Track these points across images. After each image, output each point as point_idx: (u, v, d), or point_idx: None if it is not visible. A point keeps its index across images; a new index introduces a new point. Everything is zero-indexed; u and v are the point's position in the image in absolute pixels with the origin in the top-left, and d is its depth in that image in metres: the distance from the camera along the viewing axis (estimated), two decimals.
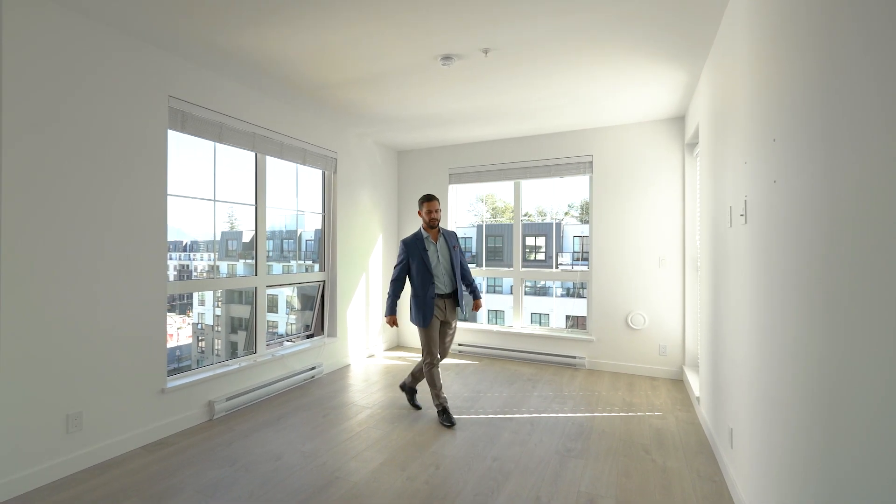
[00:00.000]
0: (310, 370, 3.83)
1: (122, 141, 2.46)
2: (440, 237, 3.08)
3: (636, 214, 4.10)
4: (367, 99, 3.50)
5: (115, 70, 2.42)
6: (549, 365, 4.41)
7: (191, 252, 3.49)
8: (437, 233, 3.08)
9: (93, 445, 2.33)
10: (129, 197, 2.50)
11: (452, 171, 5.00)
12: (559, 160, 4.44)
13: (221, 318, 3.79)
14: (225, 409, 3.03)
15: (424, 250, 3.00)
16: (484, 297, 9.01)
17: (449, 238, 3.12)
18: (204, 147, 3.12)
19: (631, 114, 3.86)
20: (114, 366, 2.43)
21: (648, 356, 4.06)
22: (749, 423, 1.77)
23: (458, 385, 3.78)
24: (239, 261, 3.77)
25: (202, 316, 3.88)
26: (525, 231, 6.11)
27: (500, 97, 3.45)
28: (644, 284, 4.07)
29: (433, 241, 3.05)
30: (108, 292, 2.40)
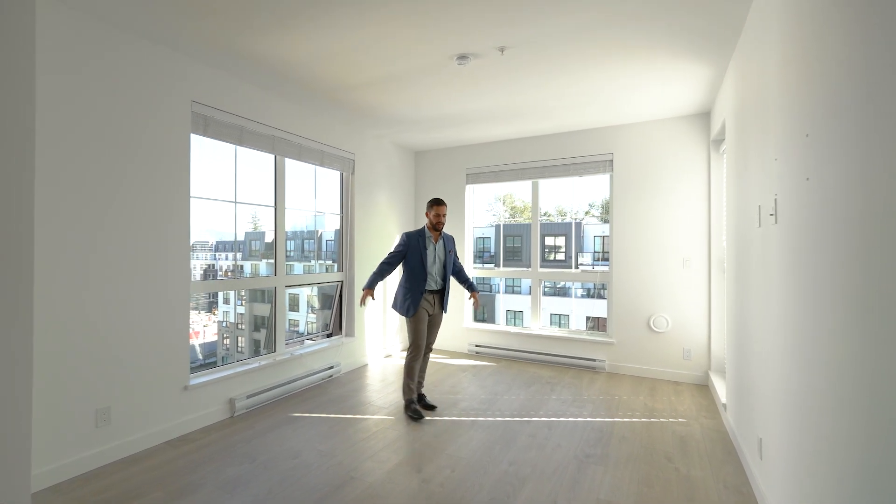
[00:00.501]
0: (328, 369, 3.87)
1: (147, 145, 2.54)
2: (440, 239, 3.24)
3: (659, 214, 3.99)
4: (383, 100, 3.51)
5: (141, 77, 2.50)
6: (568, 368, 4.34)
7: (216, 252, 3.57)
8: (438, 235, 3.23)
9: (120, 439, 2.40)
10: (154, 199, 2.58)
11: (469, 172, 4.98)
12: (578, 159, 4.36)
13: (245, 316, 3.88)
14: (245, 406, 3.09)
15: (424, 248, 3.15)
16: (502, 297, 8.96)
17: (447, 242, 3.28)
18: (225, 150, 3.19)
19: (653, 111, 3.75)
20: (139, 363, 2.50)
21: (672, 360, 3.94)
22: (780, 433, 1.68)
23: (475, 387, 3.75)
24: (262, 260, 3.85)
25: (226, 314, 3.99)
26: (544, 231, 6.01)
27: (517, 96, 3.41)
28: (667, 286, 3.95)
29: (434, 241, 3.21)
30: (134, 292, 2.48)
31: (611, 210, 4.27)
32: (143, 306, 2.52)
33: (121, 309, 2.41)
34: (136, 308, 2.49)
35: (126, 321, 2.44)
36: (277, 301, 3.57)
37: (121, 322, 2.41)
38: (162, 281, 2.62)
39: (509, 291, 10.32)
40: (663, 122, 3.98)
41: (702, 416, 3.08)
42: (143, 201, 2.52)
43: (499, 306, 9.15)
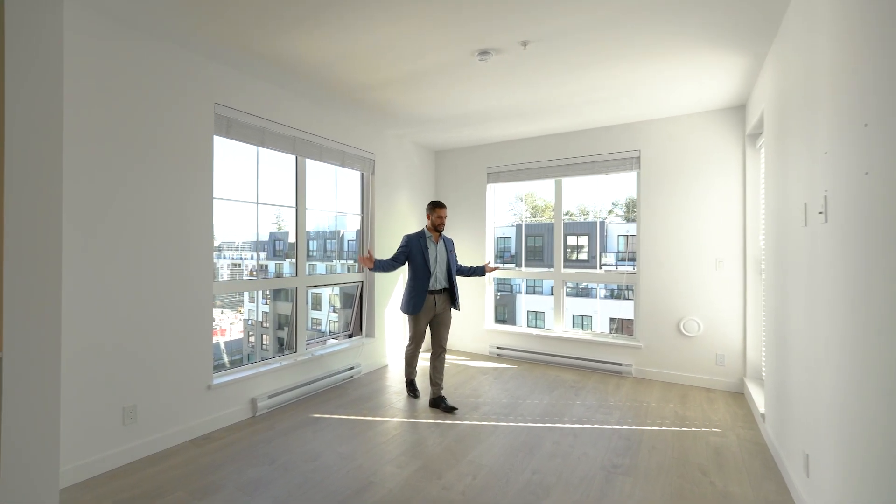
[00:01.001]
0: (348, 370, 3.86)
1: (171, 147, 2.57)
2: (440, 240, 3.40)
3: (689, 212, 3.81)
4: (403, 99, 3.48)
5: (165, 80, 2.53)
6: (592, 372, 4.20)
7: (241, 252, 3.61)
8: (439, 236, 3.39)
9: (146, 437, 2.44)
10: (178, 201, 2.61)
11: (491, 171, 4.90)
12: (603, 156, 4.22)
13: (269, 314, 3.91)
14: (267, 406, 3.10)
15: (426, 248, 3.30)
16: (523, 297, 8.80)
17: (447, 243, 3.46)
18: (248, 151, 3.21)
19: (683, 104, 3.59)
20: (164, 362, 2.54)
21: (704, 366, 3.76)
22: (831, 450, 1.55)
23: (497, 390, 3.67)
24: (285, 260, 3.89)
25: (252, 312, 4.06)
26: (566, 230, 5.88)
27: (540, 92, 3.31)
28: (699, 288, 3.77)
29: (434, 242, 3.37)
30: (159, 292, 2.51)
31: (637, 209, 4.11)
32: (168, 306, 2.56)
33: (146, 309, 2.45)
34: (161, 308, 2.52)
35: (151, 321, 2.48)
36: (298, 301, 3.58)
37: (146, 321, 2.45)
38: (186, 281, 2.65)
39: (530, 292, 10.15)
40: (694, 117, 3.80)
41: (738, 427, 2.91)
42: (168, 202, 2.56)
43: (520, 307, 9.02)
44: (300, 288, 3.58)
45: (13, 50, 1.59)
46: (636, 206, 4.16)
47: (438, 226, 3.35)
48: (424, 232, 3.37)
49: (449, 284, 3.36)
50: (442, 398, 3.25)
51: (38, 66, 1.65)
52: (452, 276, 3.38)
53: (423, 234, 3.35)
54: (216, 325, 4.88)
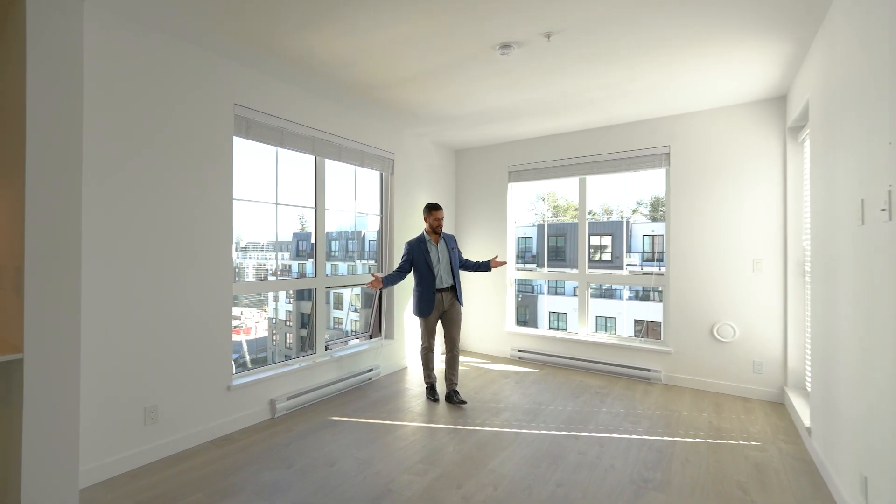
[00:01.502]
0: (367, 372, 3.83)
1: (191, 149, 2.58)
2: (441, 240, 3.48)
3: (724, 211, 3.60)
4: (422, 97, 3.41)
5: (185, 81, 2.54)
6: (619, 377, 4.04)
7: (266, 252, 3.63)
8: (438, 237, 3.47)
9: (167, 438, 2.45)
10: (198, 202, 2.61)
11: (512, 169, 4.78)
12: (630, 153, 4.04)
13: (292, 313, 3.94)
14: (286, 408, 3.09)
15: (427, 251, 3.40)
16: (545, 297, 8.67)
17: (448, 240, 3.52)
18: (267, 152, 3.21)
19: (717, 97, 3.39)
20: (185, 363, 2.55)
21: (739, 373, 3.55)
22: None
23: (518, 395, 3.56)
24: (308, 260, 3.91)
25: (276, 311, 4.09)
26: (589, 230, 5.72)
27: (564, 86, 3.18)
28: (734, 291, 3.56)
29: (434, 243, 3.45)
30: (180, 292, 2.52)
31: (667, 207, 3.92)
32: (188, 307, 2.56)
33: (167, 309, 2.46)
34: (182, 308, 2.53)
35: (172, 321, 2.49)
36: (318, 302, 3.56)
37: (167, 322, 2.46)
38: (206, 282, 2.65)
39: (552, 292, 9.92)
40: (728, 110, 3.59)
41: (779, 440, 2.72)
42: (188, 203, 2.57)
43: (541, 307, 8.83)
44: (319, 289, 3.57)
45: (35, 52, 1.59)
46: (665, 204, 3.97)
47: (436, 228, 3.47)
48: (424, 236, 3.47)
49: (453, 281, 3.46)
50: (455, 392, 3.40)
51: (58, 69, 1.65)
52: (455, 273, 3.48)
53: (423, 239, 3.46)
54: (241, 324, 4.98)
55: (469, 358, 4.75)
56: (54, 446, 1.64)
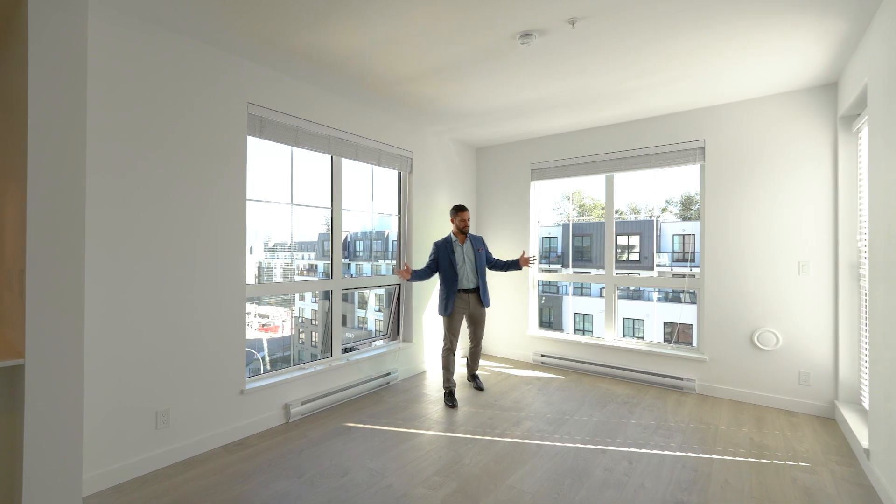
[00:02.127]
0: (384, 376, 3.73)
1: (204, 149, 2.54)
2: (467, 241, 3.56)
3: (765, 209, 3.33)
4: (440, 92, 3.29)
5: (197, 80, 2.50)
6: (649, 386, 3.80)
7: (293, 252, 3.61)
8: (464, 237, 3.56)
9: (179, 442, 2.42)
10: (211, 202, 2.57)
11: (535, 167, 4.60)
12: (661, 148, 3.80)
13: (318, 312, 3.95)
14: (300, 412, 3.02)
15: (452, 252, 3.49)
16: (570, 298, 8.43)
17: (475, 242, 3.59)
18: (283, 151, 3.16)
19: (758, 85, 3.13)
20: (197, 366, 2.51)
21: (783, 384, 3.27)
22: None
23: (540, 403, 3.39)
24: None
25: (302, 310, 4.12)
26: (616, 230, 5.48)
27: (589, 78, 3.00)
28: (777, 296, 3.28)
29: (460, 244, 3.54)
30: (192, 295, 2.48)
31: (701, 205, 3.66)
32: (200, 309, 2.53)
33: (179, 312, 2.43)
34: (194, 311, 2.49)
35: (184, 324, 2.45)
36: (333, 305, 3.49)
37: (179, 325, 2.43)
38: (218, 283, 2.61)
39: (577, 293, 9.62)
40: (771, 99, 3.31)
41: (832, 462, 2.46)
42: (200, 205, 2.53)
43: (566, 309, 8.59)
44: (335, 291, 3.50)
45: (37, 51, 1.55)
46: (699, 202, 3.71)
47: (462, 228, 3.55)
48: (451, 237, 3.58)
49: (477, 282, 3.53)
50: (475, 376, 3.73)
51: (61, 67, 1.62)
52: (481, 274, 3.55)
53: (449, 239, 3.56)
54: (269, 323, 5.02)
55: (490, 362, 4.60)
56: (56, 453, 1.60)
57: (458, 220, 3.55)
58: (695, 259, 3.91)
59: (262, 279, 4.33)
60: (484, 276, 3.61)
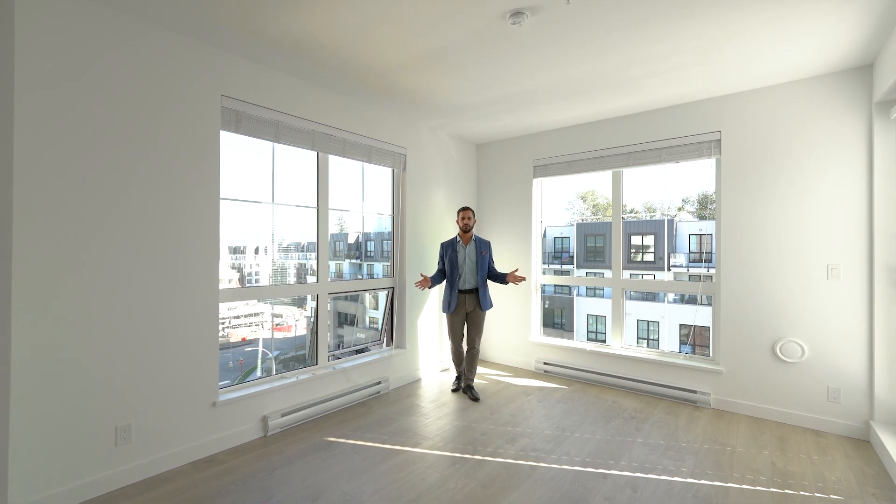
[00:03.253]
0: (375, 385, 3.53)
1: (171, 144, 2.37)
2: (472, 242, 3.61)
3: (789, 206, 3.02)
4: (429, 82, 3.07)
5: (162, 70, 2.33)
6: (659, 399, 3.51)
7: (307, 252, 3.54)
8: (469, 238, 3.60)
9: (141, 459, 2.25)
10: (180, 201, 2.40)
11: (537, 163, 4.34)
12: (672, 141, 3.51)
13: (330, 312, 3.86)
14: (279, 425, 2.84)
15: (455, 252, 3.59)
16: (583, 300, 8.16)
17: (480, 244, 3.62)
18: (267, 148, 2.98)
19: (781, 70, 2.82)
20: (164, 377, 2.34)
21: (809, 401, 2.95)
22: None
23: (540, 417, 3.14)
24: (345, 261, 3.94)
25: (313, 309, 4.02)
26: (629, 229, 5.20)
27: (590, 64, 2.74)
28: (803, 302, 2.97)
29: (464, 245, 3.60)
30: (159, 299, 2.31)
31: (717, 203, 3.36)
32: (169, 315, 2.36)
33: (144, 317, 2.26)
34: (161, 316, 2.32)
35: (150, 331, 2.28)
36: (320, 310, 3.30)
37: (145, 332, 2.26)
38: (189, 289, 2.44)
39: (590, 294, 9.31)
40: (795, 85, 3.00)
41: (868, 494, 2.15)
42: (168, 205, 2.36)
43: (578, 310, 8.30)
44: (321, 295, 3.31)
45: None
46: (714, 199, 3.41)
47: (464, 227, 3.57)
48: (456, 237, 3.65)
49: (476, 284, 3.55)
50: (469, 387, 3.60)
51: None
52: (481, 277, 3.56)
53: (455, 240, 3.64)
54: (282, 322, 4.95)
55: (489, 370, 4.36)
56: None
57: (459, 220, 3.61)
58: (711, 259, 3.62)
59: (276, 279, 4.30)
60: (484, 279, 3.60)
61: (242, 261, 4.44)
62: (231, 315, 3.11)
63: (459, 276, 3.54)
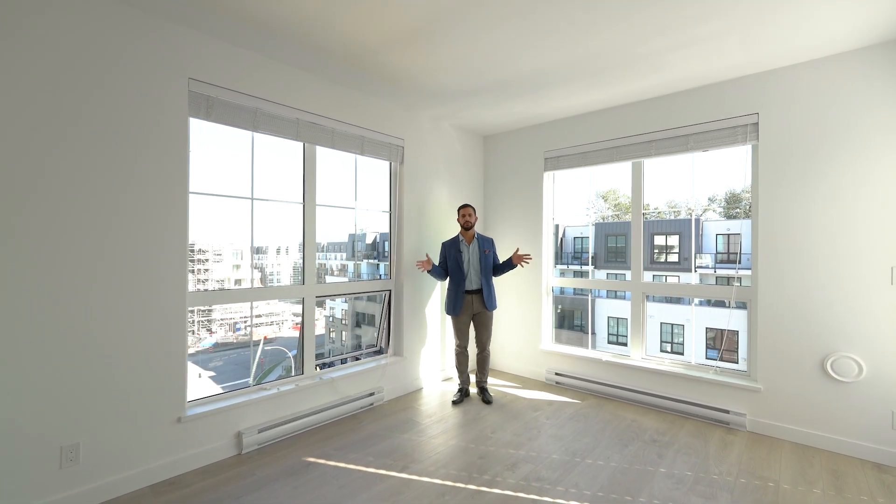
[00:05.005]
0: (367, 396, 3.25)
1: (130, 132, 2.14)
2: (474, 241, 3.43)
3: (842, 201, 2.58)
4: (423, 63, 2.76)
5: (119, 48, 2.10)
6: (685, 418, 3.11)
7: (328, 252, 3.51)
8: (471, 236, 3.43)
9: (91, 483, 2.02)
10: (141, 196, 2.17)
11: (548, 155, 3.98)
12: (699, 126, 3.10)
13: (348, 312, 3.98)
14: (256, 442, 2.58)
15: (459, 252, 3.40)
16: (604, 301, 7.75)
17: (483, 243, 3.45)
18: (253, 138, 2.74)
19: (830, 39, 2.39)
20: (119, 390, 2.10)
21: (868, 427, 2.50)
22: None
23: (547, 437, 2.79)
24: (363, 261, 3.84)
25: (332, 310, 4.15)
26: (653, 229, 4.78)
27: (605, 35, 2.37)
28: (860, 311, 2.52)
29: (467, 244, 3.42)
30: (114, 305, 2.08)
31: (754, 196, 2.94)
32: (126, 321, 2.12)
33: (98, 323, 2.03)
34: (116, 323, 2.09)
35: (103, 339, 2.05)
36: (306, 315, 3.04)
37: (95, 340, 2.03)
38: (152, 291, 2.20)
39: (611, 296, 8.84)
40: (848, 57, 2.56)
41: None
42: (128, 198, 2.12)
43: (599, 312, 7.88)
44: (307, 299, 3.04)
45: None
46: (743, 198, 2.99)
47: (464, 225, 3.41)
48: (458, 236, 3.46)
49: (482, 284, 3.38)
50: (483, 389, 3.48)
51: None
52: (486, 276, 3.40)
53: (457, 239, 3.46)
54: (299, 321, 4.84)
55: (496, 380, 4.01)
56: None
57: (459, 217, 3.45)
58: (739, 260, 3.22)
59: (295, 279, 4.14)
60: (489, 278, 3.44)
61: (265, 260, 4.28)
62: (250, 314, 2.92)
63: (465, 276, 3.36)
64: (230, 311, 3.95)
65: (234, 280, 3.20)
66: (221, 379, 3.67)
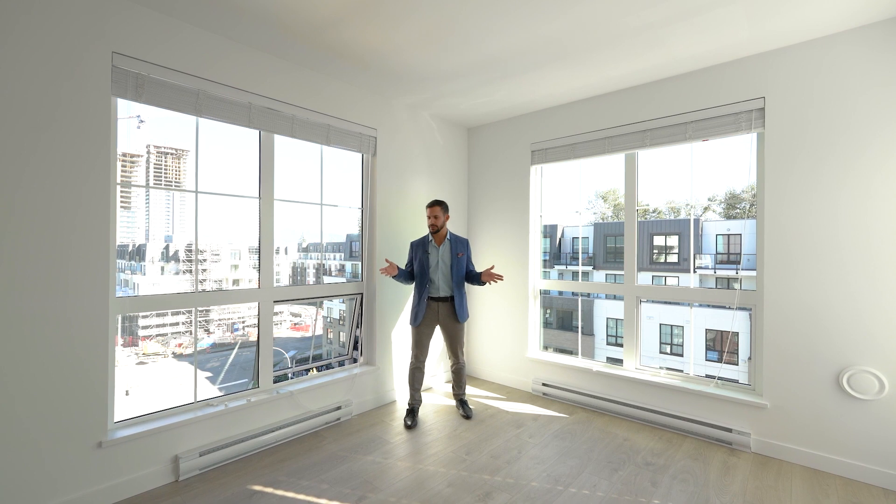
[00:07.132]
0: (333, 410, 2.95)
1: (38, 113, 1.84)
2: (446, 242, 3.08)
3: (859, 196, 2.28)
4: (392, 40, 2.46)
5: (25, 17, 1.80)
6: (683, 436, 2.81)
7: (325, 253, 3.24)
8: (441, 237, 3.07)
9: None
10: (51, 188, 1.87)
11: (535, 148, 3.68)
12: (701, 113, 2.80)
13: (345, 313, 3.74)
14: (197, 467, 2.28)
15: (426, 253, 3.05)
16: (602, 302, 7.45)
17: (456, 245, 3.09)
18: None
19: (846, 12, 2.09)
20: (16, 414, 1.80)
21: (891, 452, 2.20)
22: None
23: (528, 459, 2.49)
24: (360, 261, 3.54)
25: (330, 310, 4.09)
26: (652, 230, 4.53)
27: (588, 7, 2.07)
28: (879, 320, 2.22)
29: (436, 245, 3.07)
30: (13, 313, 1.78)
31: (760, 190, 2.64)
32: (36, 331, 1.82)
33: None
34: (17, 337, 1.79)
35: (6, 352, 1.75)
36: (262, 322, 2.74)
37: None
38: (67, 297, 1.91)
39: (610, 297, 8.58)
40: (866, 32, 2.26)
41: None
42: (31, 192, 1.82)
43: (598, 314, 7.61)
44: (263, 304, 2.74)
45: None
46: (758, 185, 2.68)
47: (430, 226, 3.05)
48: (428, 236, 3.11)
49: (451, 292, 3.04)
50: (462, 402, 3.17)
51: None
52: (456, 283, 3.04)
53: (426, 239, 3.10)
54: (301, 322, 4.63)
55: (479, 390, 3.71)
56: None
57: (426, 218, 3.14)
58: (740, 261, 2.89)
59: (295, 279, 3.99)
60: (461, 285, 3.08)
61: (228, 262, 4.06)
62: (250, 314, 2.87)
63: (430, 281, 3.03)
64: (228, 312, 3.77)
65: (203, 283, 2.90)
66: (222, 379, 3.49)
